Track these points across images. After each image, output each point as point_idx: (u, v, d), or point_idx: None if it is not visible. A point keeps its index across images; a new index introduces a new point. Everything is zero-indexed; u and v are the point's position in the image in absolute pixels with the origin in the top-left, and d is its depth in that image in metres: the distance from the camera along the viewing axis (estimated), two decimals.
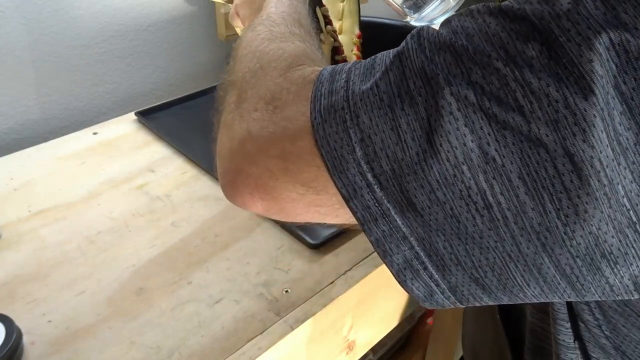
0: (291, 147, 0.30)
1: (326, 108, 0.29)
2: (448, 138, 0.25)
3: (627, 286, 0.25)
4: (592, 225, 0.24)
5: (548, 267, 0.25)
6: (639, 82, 0.22)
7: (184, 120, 0.83)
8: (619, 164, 0.23)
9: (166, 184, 0.69)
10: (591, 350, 0.38)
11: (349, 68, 0.30)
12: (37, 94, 0.82)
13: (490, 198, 0.25)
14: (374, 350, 1.00)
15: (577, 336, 0.38)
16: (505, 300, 0.28)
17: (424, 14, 0.57)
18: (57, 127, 0.86)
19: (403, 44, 0.28)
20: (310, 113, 0.29)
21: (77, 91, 0.86)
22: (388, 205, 0.28)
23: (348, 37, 0.74)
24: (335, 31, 0.69)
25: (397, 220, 0.28)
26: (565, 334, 0.39)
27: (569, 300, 0.28)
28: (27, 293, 0.52)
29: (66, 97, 0.85)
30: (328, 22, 0.68)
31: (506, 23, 0.25)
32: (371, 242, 0.29)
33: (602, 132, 0.22)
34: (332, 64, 0.73)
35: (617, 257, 0.24)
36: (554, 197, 0.24)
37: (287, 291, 0.53)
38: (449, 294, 0.29)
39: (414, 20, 0.59)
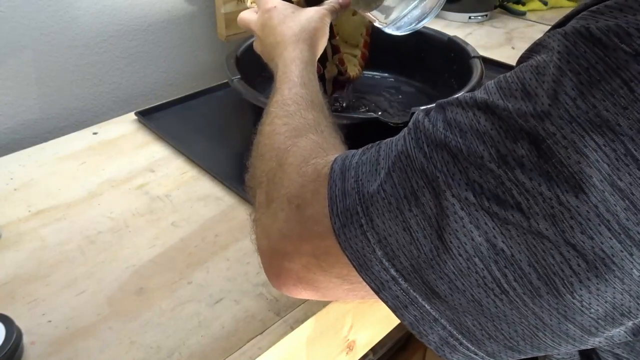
0: (320, 246, 0.33)
1: (343, 212, 0.31)
2: (457, 235, 0.26)
3: None
4: (606, 297, 0.25)
5: (574, 331, 0.27)
6: (634, 177, 0.22)
7: (184, 120, 0.84)
8: (631, 255, 0.23)
9: (166, 184, 0.69)
10: None
11: (357, 164, 0.33)
12: (37, 94, 0.82)
13: (505, 285, 0.26)
14: (374, 350, 1.00)
15: (584, 358, 0.38)
16: (543, 354, 0.30)
17: (396, 19, 0.56)
18: (57, 127, 0.86)
19: (402, 140, 0.30)
20: (330, 218, 0.32)
21: (77, 91, 0.86)
22: (415, 294, 0.30)
23: (360, 18, 0.74)
24: (341, 59, 0.70)
25: (426, 306, 0.30)
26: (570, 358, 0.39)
27: (600, 346, 0.30)
28: (27, 293, 0.52)
29: (66, 97, 0.85)
30: (336, 51, 0.69)
31: (495, 120, 0.26)
32: (406, 325, 0.31)
33: (599, 226, 0.23)
34: (332, 87, 0.75)
35: (638, 314, 0.25)
36: (565, 281, 0.25)
37: None
38: (490, 358, 0.31)
39: (386, 27, 0.58)
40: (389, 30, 0.59)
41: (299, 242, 0.35)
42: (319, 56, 0.58)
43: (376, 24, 0.59)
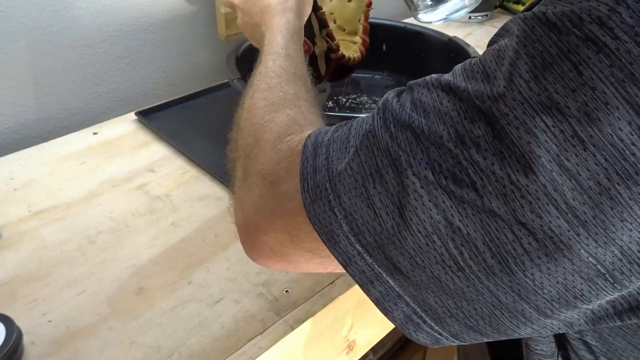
0: (292, 222, 0.34)
1: (313, 188, 0.32)
2: (416, 212, 0.27)
3: (607, 309, 0.27)
4: (557, 277, 0.25)
5: (530, 312, 0.27)
6: (581, 158, 0.23)
7: (184, 120, 0.84)
8: (578, 235, 0.24)
9: (166, 184, 0.69)
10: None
11: (328, 140, 0.34)
12: (37, 94, 0.82)
13: (461, 263, 0.27)
14: (374, 350, 1.00)
15: (560, 346, 0.39)
16: (504, 338, 0.31)
17: (438, 10, 0.55)
18: (57, 127, 0.85)
19: (370, 119, 0.31)
20: (302, 193, 0.33)
21: (77, 91, 0.86)
22: (379, 269, 0.31)
23: (357, 5, 0.74)
24: (330, 33, 0.68)
25: (390, 281, 0.31)
26: (544, 344, 0.40)
27: (560, 332, 0.30)
28: (27, 293, 0.52)
29: (66, 97, 0.85)
30: (323, 24, 0.68)
31: (456, 101, 0.27)
32: (372, 301, 0.32)
33: (547, 205, 0.24)
34: (326, 64, 0.73)
35: (590, 298, 0.26)
36: (517, 259, 0.26)
37: (287, 291, 0.53)
38: (453, 339, 0.31)
39: (424, 14, 0.57)
40: (426, 18, 0.58)
41: (272, 218, 0.36)
42: (304, 23, 0.58)
43: (418, 9, 0.58)
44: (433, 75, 0.30)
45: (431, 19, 0.58)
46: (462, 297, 0.29)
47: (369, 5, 0.75)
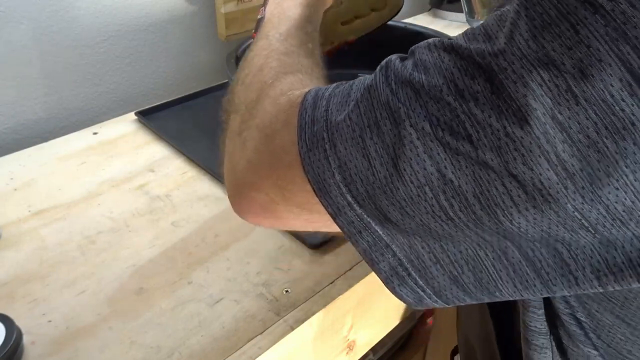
0: (286, 175, 0.35)
1: (310, 138, 0.33)
2: (410, 164, 0.28)
3: (591, 280, 0.28)
4: (542, 226, 0.27)
5: (513, 251, 0.29)
6: (573, 112, 0.24)
7: (184, 120, 0.84)
8: (566, 188, 0.25)
9: (166, 184, 0.69)
10: (563, 337, 0.40)
11: (329, 95, 0.34)
12: (37, 94, 0.82)
13: (451, 213, 0.28)
14: (374, 350, 1.00)
15: (550, 323, 0.40)
16: (487, 300, 0.32)
17: None
18: (57, 127, 0.86)
19: (373, 76, 0.32)
20: (298, 142, 0.34)
21: (77, 91, 0.86)
22: (368, 219, 0.32)
23: None
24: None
25: (378, 230, 0.32)
26: (537, 320, 0.41)
27: (541, 296, 0.31)
28: (27, 293, 0.52)
29: (66, 97, 0.85)
30: None
31: (457, 59, 0.28)
32: (359, 252, 0.33)
33: (539, 157, 0.25)
34: (334, 23, 0.72)
35: (571, 245, 0.27)
36: (505, 211, 0.27)
37: (287, 291, 0.53)
38: (436, 298, 0.33)
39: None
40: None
41: (266, 172, 0.36)
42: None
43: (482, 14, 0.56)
44: (435, 38, 0.32)
45: None
46: (449, 240, 0.30)
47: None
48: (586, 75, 0.24)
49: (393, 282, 0.33)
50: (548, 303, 0.40)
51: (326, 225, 0.34)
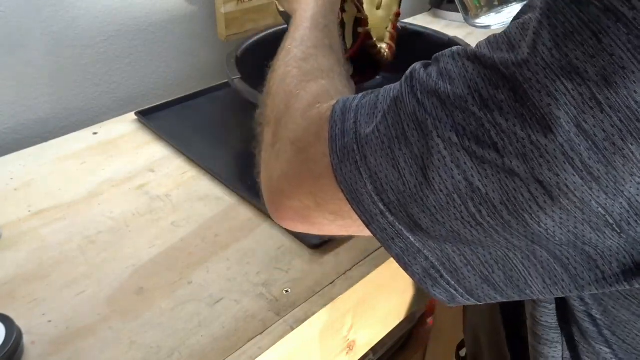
0: (318, 184, 0.36)
1: (341, 150, 0.34)
2: (439, 173, 0.29)
3: (618, 275, 0.29)
4: (568, 226, 0.27)
5: (541, 252, 0.30)
6: (598, 119, 0.25)
7: (184, 120, 0.84)
8: (590, 189, 0.26)
9: (166, 184, 0.69)
10: (575, 334, 0.41)
11: (356, 106, 0.35)
12: (37, 94, 0.82)
13: (480, 219, 0.29)
14: (374, 350, 1.00)
15: (562, 319, 0.41)
16: (517, 298, 0.33)
17: (502, 12, 0.53)
18: (57, 127, 0.86)
19: (398, 87, 0.33)
20: (330, 155, 0.35)
21: (77, 91, 0.86)
22: (400, 226, 0.33)
23: (385, 13, 0.74)
24: (360, 1, 0.68)
25: (410, 237, 0.33)
26: (548, 315, 0.41)
27: (570, 294, 0.32)
28: (27, 293, 0.52)
29: (66, 97, 0.85)
30: None
31: (481, 69, 0.29)
32: (393, 257, 0.34)
33: (564, 163, 0.26)
34: (353, 37, 0.72)
35: (597, 247, 0.28)
36: (533, 215, 0.28)
37: (287, 291, 0.53)
38: (468, 296, 0.34)
39: (486, 17, 0.54)
40: (488, 21, 0.56)
41: (299, 182, 0.38)
42: None
43: (479, 13, 0.55)
44: (459, 46, 0.32)
45: (492, 22, 0.57)
46: (479, 244, 0.31)
47: (398, 15, 0.75)
48: (610, 82, 0.24)
49: (427, 283, 0.34)
50: (561, 300, 0.40)
51: (360, 230, 0.35)
